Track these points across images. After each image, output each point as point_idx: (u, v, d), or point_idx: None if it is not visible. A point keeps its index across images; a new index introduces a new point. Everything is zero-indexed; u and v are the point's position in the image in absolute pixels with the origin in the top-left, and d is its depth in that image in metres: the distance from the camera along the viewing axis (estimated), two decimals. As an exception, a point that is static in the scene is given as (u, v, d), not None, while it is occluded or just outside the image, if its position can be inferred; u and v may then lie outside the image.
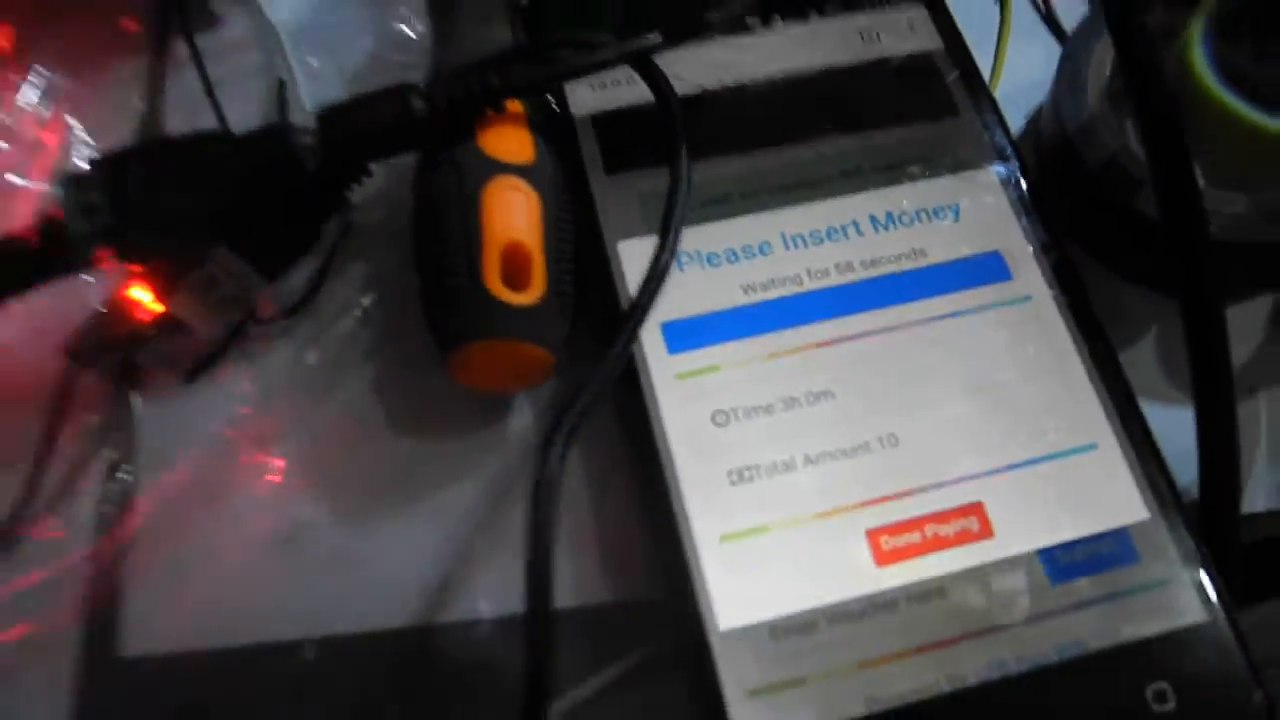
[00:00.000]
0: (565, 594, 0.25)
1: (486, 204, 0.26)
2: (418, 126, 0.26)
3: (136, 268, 0.26)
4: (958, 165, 0.29)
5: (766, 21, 0.31)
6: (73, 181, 0.25)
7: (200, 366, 0.28)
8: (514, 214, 0.26)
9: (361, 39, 0.33)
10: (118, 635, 0.26)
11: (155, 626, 0.26)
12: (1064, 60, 0.29)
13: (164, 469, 0.28)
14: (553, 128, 0.28)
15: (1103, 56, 0.28)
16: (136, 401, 0.28)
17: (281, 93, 0.32)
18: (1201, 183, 0.23)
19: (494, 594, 0.26)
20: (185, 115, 0.32)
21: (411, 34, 0.33)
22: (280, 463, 0.27)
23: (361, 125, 0.26)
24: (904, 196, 0.28)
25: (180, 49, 0.32)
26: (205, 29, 0.33)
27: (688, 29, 0.29)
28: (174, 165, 0.25)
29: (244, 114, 0.31)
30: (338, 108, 0.26)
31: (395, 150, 0.27)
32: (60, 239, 0.24)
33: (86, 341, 0.27)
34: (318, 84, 0.32)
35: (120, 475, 0.27)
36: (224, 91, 0.31)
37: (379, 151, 0.26)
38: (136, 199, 0.25)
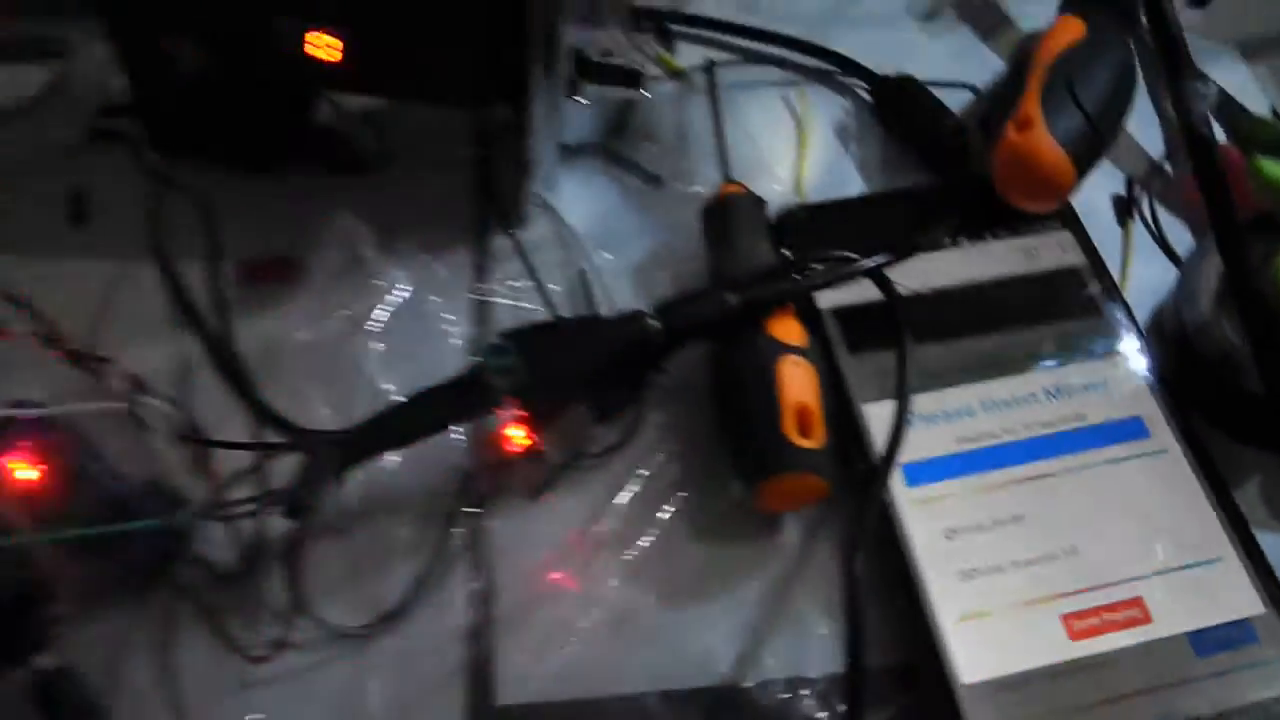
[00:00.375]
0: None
1: (780, 375, 0.36)
2: (730, 319, 0.37)
3: (525, 413, 0.36)
4: (1104, 352, 0.39)
5: (957, 242, 0.42)
6: (492, 349, 0.35)
7: (543, 488, 0.39)
8: (799, 383, 0.36)
9: (641, 239, 0.44)
10: (494, 687, 0.36)
11: (523, 680, 0.36)
12: (1182, 275, 0.40)
13: (520, 563, 0.37)
14: (809, 317, 0.39)
15: (1211, 272, 0.39)
16: (487, 517, 0.38)
17: (585, 280, 0.43)
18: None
19: (781, 660, 0.35)
20: (509, 293, 0.43)
21: (680, 239, 0.44)
22: (611, 559, 0.37)
23: (692, 316, 0.37)
24: (1067, 375, 0.39)
25: (499, 243, 0.44)
26: (519, 229, 0.44)
27: (906, 250, 0.40)
28: (564, 340, 0.36)
29: (553, 295, 0.42)
30: (673, 302, 0.37)
31: (713, 336, 0.37)
32: (484, 390, 0.35)
33: (484, 465, 0.37)
34: (610, 275, 0.43)
35: (478, 570, 0.37)
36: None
37: (702, 336, 0.37)
38: (539, 364, 0.35)
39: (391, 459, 0.38)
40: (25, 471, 0.35)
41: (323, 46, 0.39)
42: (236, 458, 0.37)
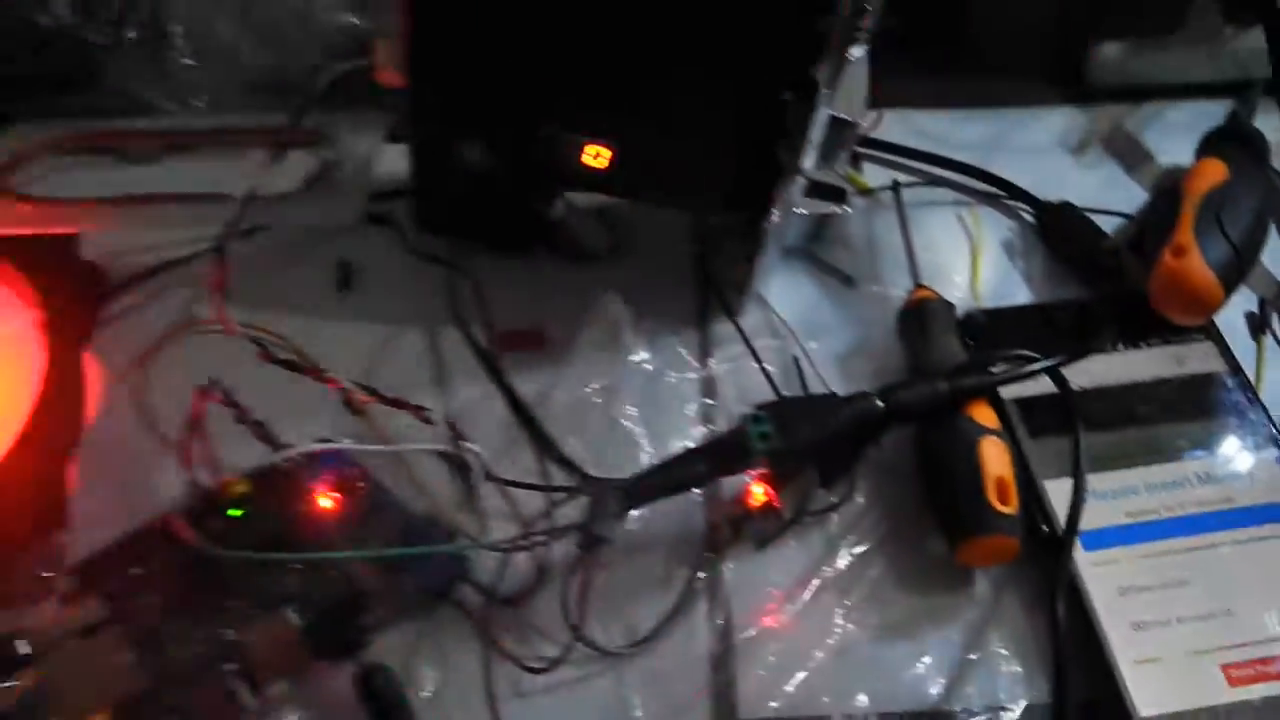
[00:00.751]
0: (1043, 693, 0.41)
1: (982, 452, 0.44)
2: (940, 404, 0.44)
3: (769, 473, 0.44)
4: (1245, 446, 0.47)
5: (1116, 347, 0.49)
6: (753, 418, 0.43)
7: (769, 540, 0.46)
8: (997, 459, 0.44)
9: (840, 331, 0.52)
10: (736, 705, 0.43)
11: (761, 700, 0.42)
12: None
13: (753, 601, 0.45)
14: (996, 405, 0.47)
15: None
16: (727, 560, 0.46)
17: (798, 365, 0.50)
18: None
19: (980, 691, 0.42)
20: (731, 371, 0.51)
21: (873, 333, 0.52)
22: (831, 601, 0.45)
23: (910, 400, 0.44)
24: (1214, 464, 0.46)
25: (719, 328, 0.52)
26: (738, 316, 0.52)
27: (1077, 352, 0.47)
28: (808, 412, 0.43)
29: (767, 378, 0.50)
30: (894, 387, 0.44)
31: (924, 417, 0.45)
32: (745, 451, 0.43)
33: (729, 515, 0.44)
34: (816, 361, 0.51)
35: (719, 604, 0.44)
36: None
37: (914, 417, 0.45)
38: (788, 432, 0.43)
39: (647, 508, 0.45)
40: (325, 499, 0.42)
41: (596, 156, 0.48)
42: (501, 497, 0.44)
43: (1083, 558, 0.43)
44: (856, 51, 0.42)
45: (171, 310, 0.54)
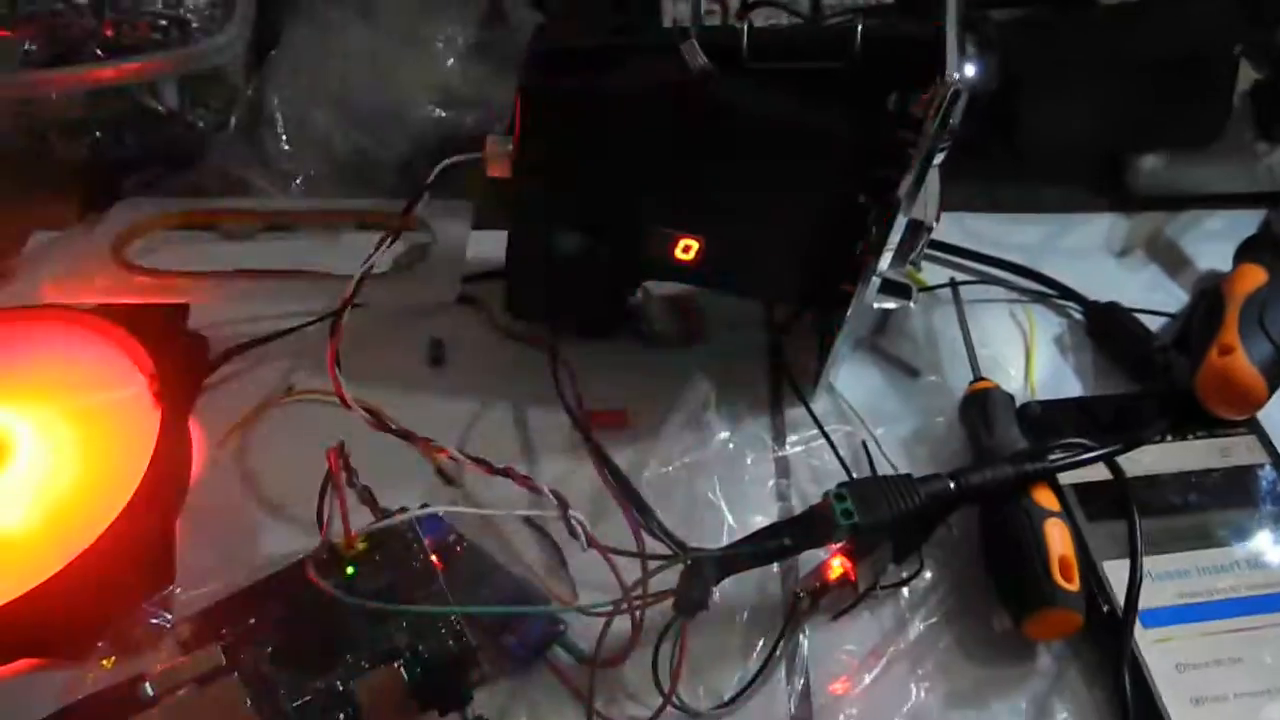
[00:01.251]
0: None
1: (1047, 532, 0.47)
2: (1006, 487, 0.48)
3: (849, 548, 0.47)
4: (1293, 535, 0.50)
5: (1165, 439, 0.53)
6: (837, 495, 0.46)
7: (845, 611, 0.49)
8: (1060, 538, 0.47)
9: (905, 419, 0.56)
10: (815, 766, 0.45)
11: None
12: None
13: (829, 668, 0.47)
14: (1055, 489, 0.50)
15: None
16: (804, 628, 0.48)
17: (867, 449, 0.54)
18: None
19: (1045, 759, 0.45)
20: (804, 454, 0.54)
21: (934, 420, 0.55)
22: (902, 670, 0.47)
23: (979, 482, 0.48)
24: (1260, 551, 0.49)
25: (791, 412, 0.55)
26: (811, 402, 0.56)
27: (1131, 443, 0.51)
28: (886, 491, 0.46)
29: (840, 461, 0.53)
30: (965, 470, 0.48)
31: (990, 499, 0.48)
32: (827, 527, 0.46)
33: (809, 588, 0.47)
34: (882, 445, 0.54)
35: (798, 670, 0.47)
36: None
37: (982, 499, 0.48)
38: (871, 511, 0.46)
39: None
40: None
41: (685, 249, 0.51)
42: (588, 566, 0.47)
43: (1142, 634, 0.46)
44: (938, 159, 0.45)
45: (269, 380, 0.57)
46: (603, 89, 0.48)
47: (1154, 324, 0.59)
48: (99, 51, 0.63)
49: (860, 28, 0.46)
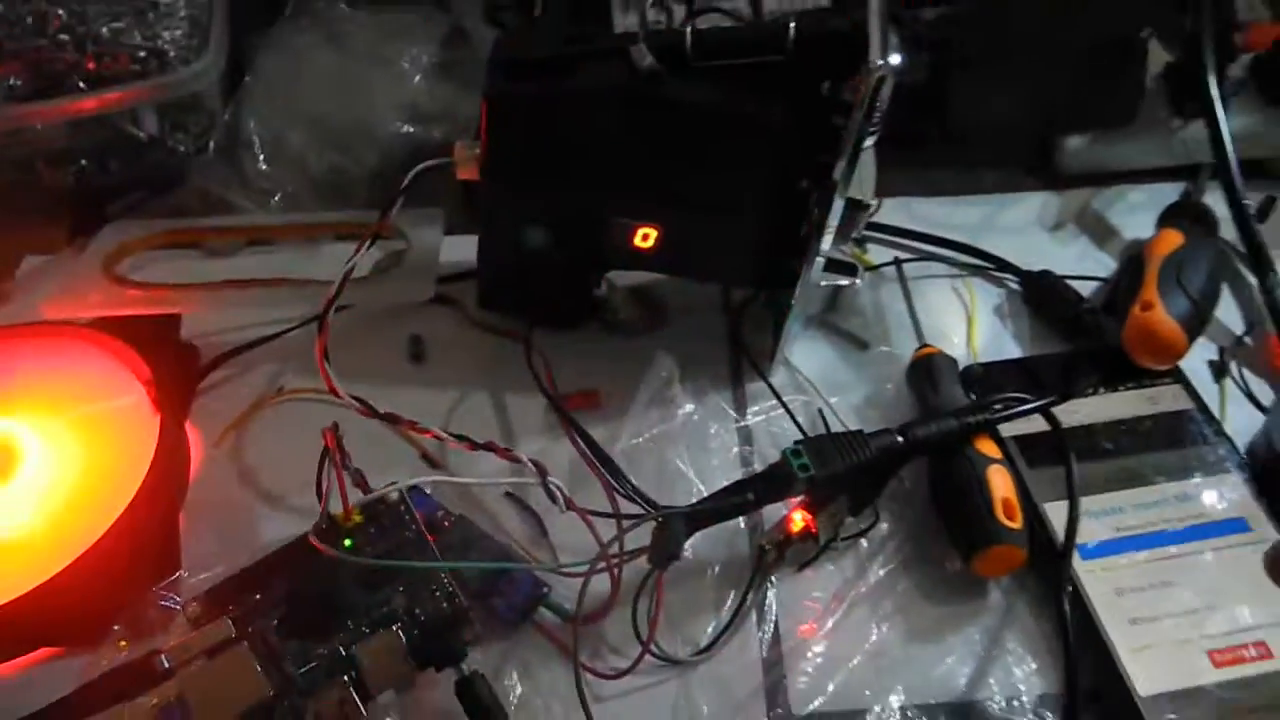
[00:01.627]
0: (1053, 683, 0.48)
1: (990, 477, 0.51)
2: (950, 439, 0.52)
3: (808, 502, 0.51)
4: (1214, 470, 0.54)
5: (1097, 391, 0.57)
6: (793, 451, 0.50)
7: (808, 562, 0.53)
8: (1003, 482, 0.51)
9: (856, 387, 0.60)
10: (788, 700, 0.49)
11: (810, 696, 0.49)
12: (1271, 412, 0.55)
13: (797, 614, 0.51)
14: (998, 441, 0.54)
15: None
16: (771, 579, 0.52)
17: (823, 416, 0.58)
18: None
19: (1000, 683, 0.49)
20: (764, 423, 0.58)
21: (884, 388, 0.59)
22: (865, 613, 0.51)
23: (926, 435, 0.52)
24: (1187, 487, 0.54)
25: (751, 386, 0.59)
26: (769, 375, 0.60)
27: (1064, 396, 0.55)
28: (841, 447, 0.50)
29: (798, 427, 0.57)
30: (912, 424, 0.52)
31: (937, 450, 0.52)
32: (786, 481, 0.49)
33: (773, 540, 0.51)
34: (837, 412, 0.58)
35: (767, 617, 0.51)
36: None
37: (929, 450, 0.52)
38: (826, 465, 0.50)
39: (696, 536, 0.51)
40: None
41: (644, 238, 0.55)
42: (568, 532, 0.51)
43: (1081, 565, 0.50)
44: (869, 143, 0.50)
45: (259, 383, 0.61)
46: (560, 92, 0.52)
47: (1085, 290, 0.63)
48: (81, 84, 0.66)
49: (793, 25, 0.50)
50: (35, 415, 0.55)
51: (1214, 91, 0.57)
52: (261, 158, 0.69)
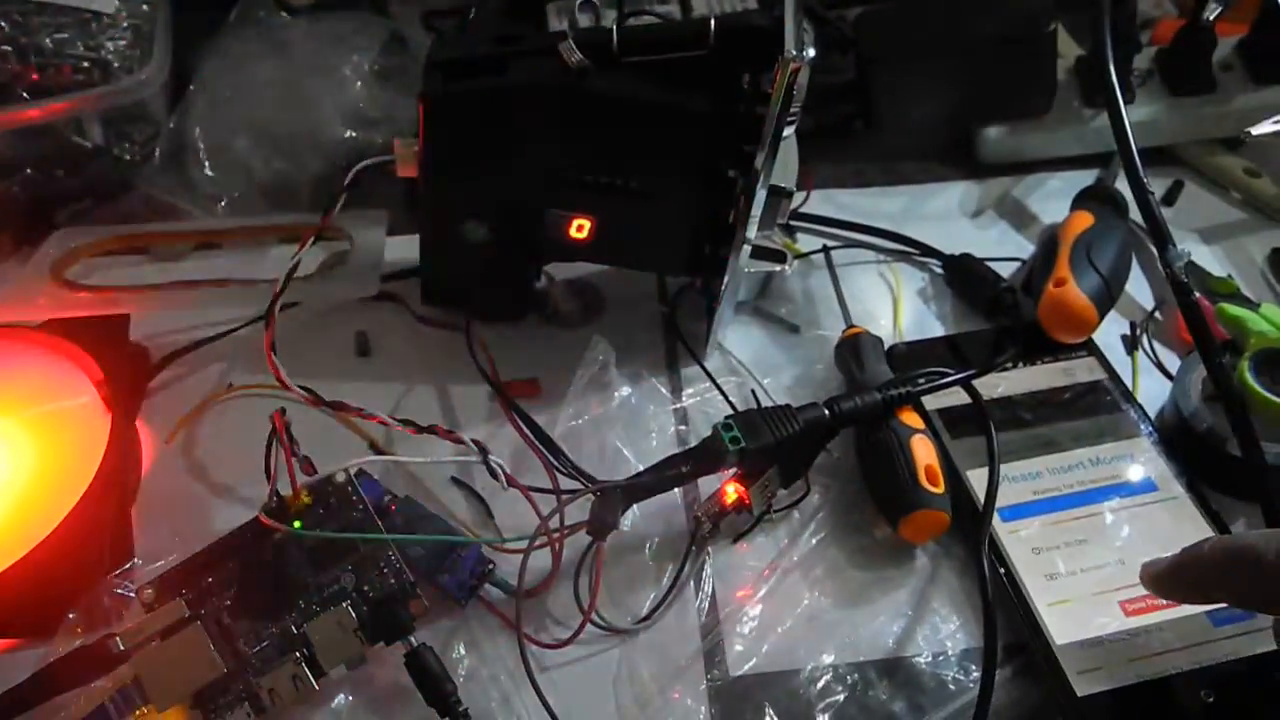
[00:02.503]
0: (977, 638, 0.51)
1: (913, 446, 0.53)
2: (875, 411, 0.54)
3: (740, 474, 0.53)
4: (1126, 435, 0.57)
5: (1015, 365, 0.60)
6: (724, 425, 0.52)
7: (743, 533, 0.55)
8: (926, 451, 0.53)
9: (788, 369, 0.62)
10: (726, 664, 0.51)
11: (746, 658, 0.51)
12: (1177, 381, 0.57)
13: (733, 582, 0.53)
14: (921, 413, 0.57)
15: (1198, 379, 0.56)
16: (708, 550, 0.55)
17: (755, 396, 0.60)
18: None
19: (928, 641, 0.51)
20: (699, 403, 0.60)
21: (815, 368, 0.62)
22: (797, 580, 0.53)
23: (852, 409, 0.54)
24: (1100, 452, 0.56)
25: (687, 371, 0.62)
26: (704, 360, 0.62)
27: (983, 370, 0.58)
28: (770, 421, 0.52)
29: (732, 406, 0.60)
30: (838, 398, 0.54)
31: (863, 422, 0.55)
32: (717, 454, 0.52)
33: (708, 512, 0.54)
34: (770, 393, 0.61)
35: (704, 586, 0.53)
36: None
37: (855, 422, 0.55)
38: (755, 437, 0.52)
39: (635, 510, 0.54)
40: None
41: (579, 229, 0.58)
42: (510, 513, 0.54)
43: (1001, 527, 0.53)
44: (788, 131, 0.52)
45: (208, 380, 0.62)
46: (493, 89, 0.54)
47: (1005, 272, 0.66)
48: (25, 94, 0.67)
49: (714, 21, 0.52)
50: (-12, 416, 0.56)
51: (1114, 80, 0.60)
52: (207, 164, 0.71)
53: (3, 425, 0.56)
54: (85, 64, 0.67)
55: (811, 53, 0.49)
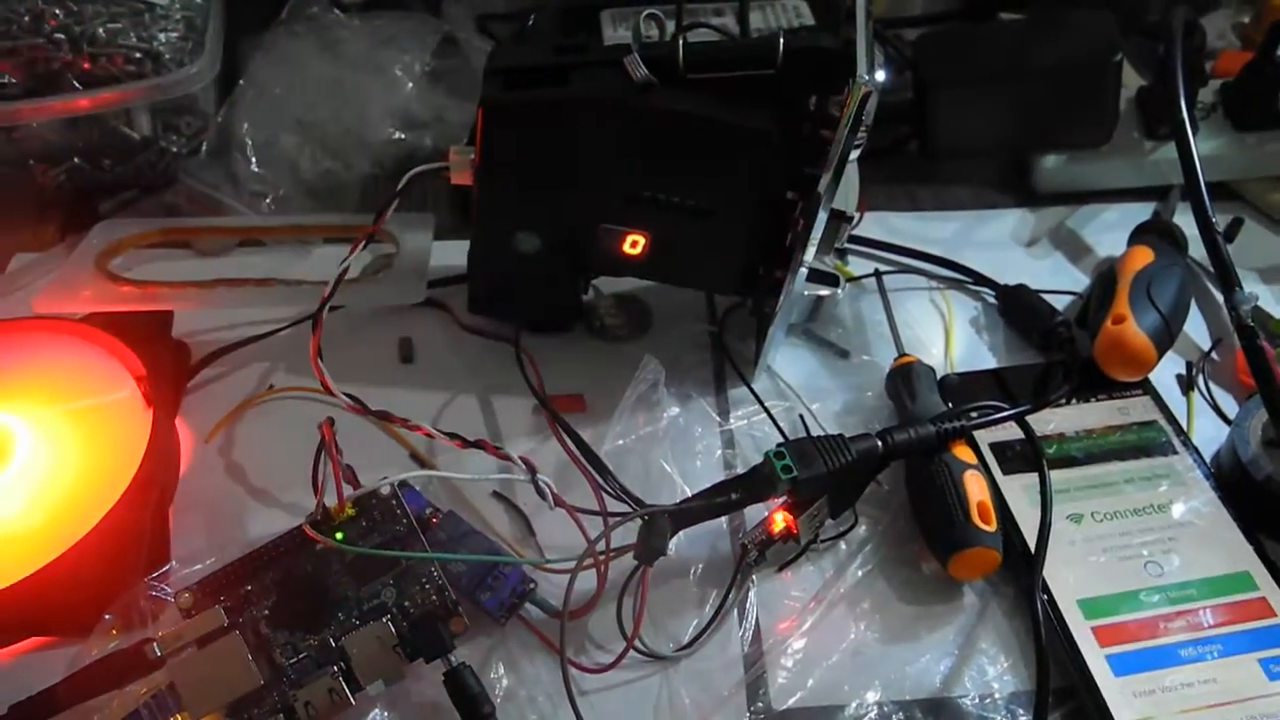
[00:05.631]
0: (1024, 680, 0.50)
1: (966, 482, 0.52)
2: (928, 444, 0.53)
3: (790, 503, 0.52)
4: (1181, 479, 0.56)
5: (1069, 402, 0.59)
6: (776, 453, 0.51)
7: (789, 562, 0.54)
8: (978, 487, 0.52)
9: (837, 394, 0.61)
10: (769, 695, 0.50)
11: (790, 692, 0.50)
12: (1236, 424, 0.56)
13: (778, 613, 0.52)
14: (973, 447, 0.56)
15: (1258, 424, 0.56)
16: (752, 578, 0.54)
17: (804, 422, 0.59)
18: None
19: (975, 681, 0.50)
20: (747, 427, 0.59)
21: (864, 395, 0.61)
22: (844, 612, 0.53)
23: (905, 440, 0.53)
24: (1155, 495, 0.55)
25: (734, 392, 0.61)
26: (752, 382, 0.61)
27: (1039, 405, 0.57)
28: (822, 450, 0.52)
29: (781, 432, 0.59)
30: (891, 429, 0.53)
31: (915, 455, 0.54)
32: (768, 482, 0.51)
33: (755, 540, 0.53)
34: (818, 419, 0.60)
35: (748, 615, 0.52)
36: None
37: (907, 455, 0.54)
38: (808, 467, 0.51)
39: (680, 534, 0.53)
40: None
41: (633, 244, 0.57)
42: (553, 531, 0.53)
43: (1052, 568, 0.51)
44: (853, 155, 0.51)
45: (249, 380, 0.62)
46: (555, 100, 0.53)
47: (1059, 304, 0.65)
48: (76, 83, 0.67)
49: (782, 41, 0.51)
50: (28, 409, 0.56)
51: (1184, 114, 0.59)
52: (253, 160, 0.70)
53: (43, 419, 0.56)
54: (137, 55, 0.67)
55: (882, 76, 0.48)
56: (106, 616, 0.50)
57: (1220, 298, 0.61)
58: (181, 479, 0.57)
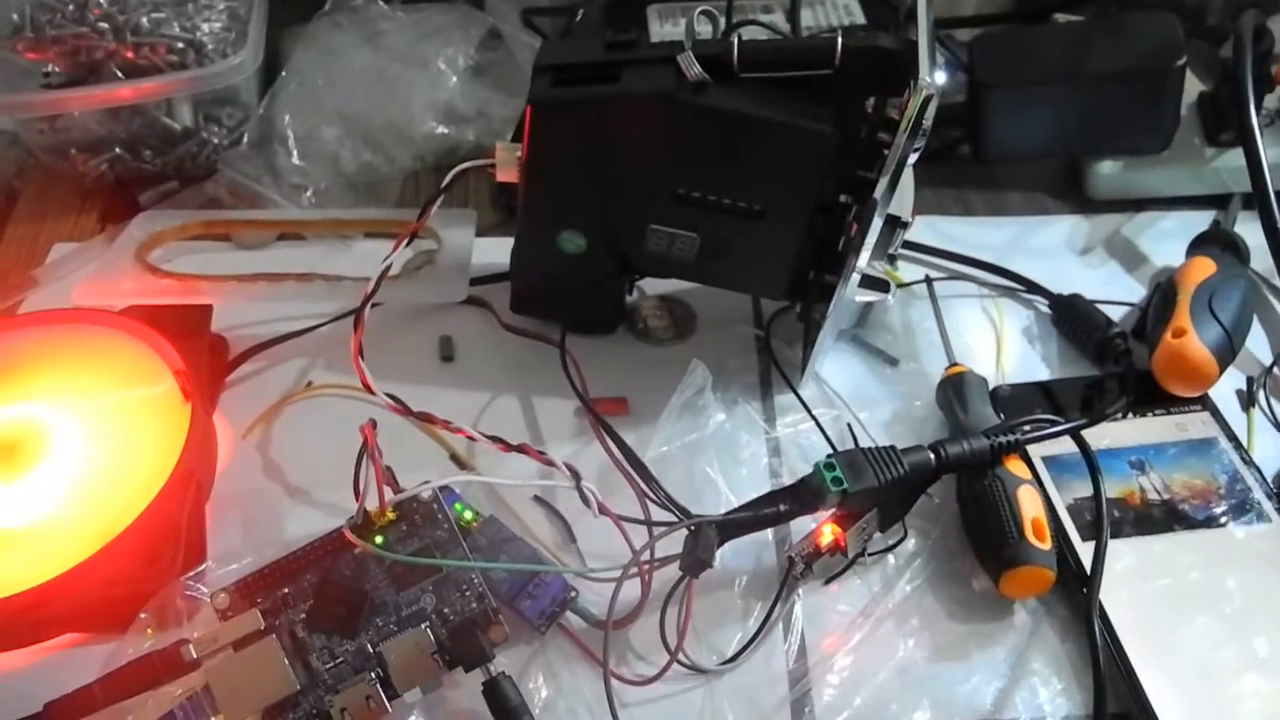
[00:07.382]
0: (1077, 705, 0.48)
1: (1020, 498, 0.51)
2: (981, 458, 0.52)
3: (839, 515, 0.51)
4: (1241, 499, 0.54)
5: (1126, 416, 0.57)
6: (827, 464, 0.50)
7: (836, 576, 0.53)
8: (1033, 503, 0.51)
9: (886, 403, 0.60)
10: (814, 713, 0.49)
11: (835, 710, 0.49)
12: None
13: (824, 627, 0.51)
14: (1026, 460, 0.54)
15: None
16: (798, 591, 0.52)
17: (852, 430, 0.58)
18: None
19: (1026, 703, 0.49)
20: (793, 435, 0.58)
21: (913, 404, 0.60)
22: (891, 628, 0.51)
23: (959, 454, 0.52)
24: (1216, 513, 0.54)
25: (780, 399, 0.60)
26: (799, 388, 0.60)
27: (1095, 419, 0.55)
28: (873, 462, 0.50)
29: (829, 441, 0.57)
30: (944, 443, 0.52)
31: (968, 469, 0.52)
32: (818, 494, 0.50)
33: (802, 552, 0.51)
34: (866, 428, 0.58)
35: (794, 629, 0.51)
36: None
37: (960, 469, 0.52)
38: (858, 479, 0.50)
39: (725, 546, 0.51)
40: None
41: (680, 246, 0.56)
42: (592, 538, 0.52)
43: (1108, 590, 0.50)
44: (911, 159, 0.50)
45: (287, 377, 0.61)
46: (605, 98, 0.52)
47: (1114, 315, 0.63)
48: (119, 73, 0.67)
49: (840, 40, 0.50)
50: (66, 401, 0.55)
51: (1254, 121, 0.57)
52: (295, 153, 0.70)
53: (81, 411, 0.55)
54: (180, 45, 0.67)
55: (943, 78, 0.47)
56: (142, 615, 0.49)
57: (1285, 311, 0.60)
58: (218, 476, 0.56)
